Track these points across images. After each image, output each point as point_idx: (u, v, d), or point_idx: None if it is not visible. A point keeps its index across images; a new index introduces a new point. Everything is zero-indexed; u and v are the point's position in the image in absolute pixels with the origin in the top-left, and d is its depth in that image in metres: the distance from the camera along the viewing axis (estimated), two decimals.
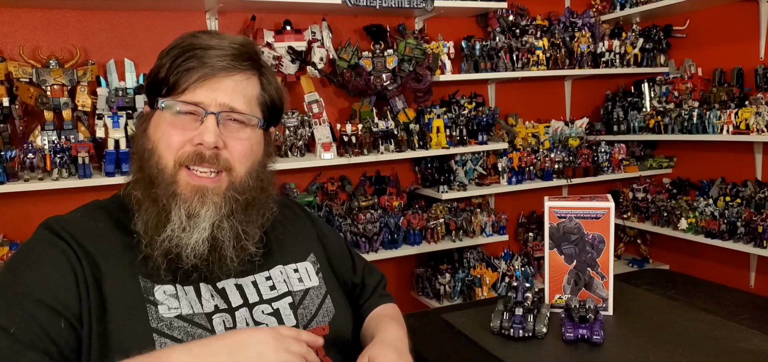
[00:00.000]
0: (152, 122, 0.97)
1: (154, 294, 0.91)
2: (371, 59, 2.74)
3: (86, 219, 0.97)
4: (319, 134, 2.64)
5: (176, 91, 0.94)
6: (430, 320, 1.56)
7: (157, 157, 0.94)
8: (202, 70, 0.93)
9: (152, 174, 0.94)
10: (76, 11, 2.40)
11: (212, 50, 0.94)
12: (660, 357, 1.25)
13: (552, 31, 3.26)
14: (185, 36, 0.97)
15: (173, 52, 0.95)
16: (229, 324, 0.94)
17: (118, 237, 0.95)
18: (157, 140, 0.95)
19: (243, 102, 0.97)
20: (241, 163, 0.97)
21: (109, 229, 0.96)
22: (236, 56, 0.96)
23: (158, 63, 0.97)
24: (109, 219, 0.98)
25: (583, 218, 1.46)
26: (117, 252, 0.93)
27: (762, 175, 2.93)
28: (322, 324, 1.04)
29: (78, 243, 0.91)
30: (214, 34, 0.98)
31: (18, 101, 2.20)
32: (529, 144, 3.23)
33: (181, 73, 0.93)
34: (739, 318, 1.45)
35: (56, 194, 2.24)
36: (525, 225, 3.34)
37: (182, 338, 0.88)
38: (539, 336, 1.35)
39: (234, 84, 0.96)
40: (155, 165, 0.94)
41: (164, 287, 0.92)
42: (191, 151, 0.93)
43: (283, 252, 1.09)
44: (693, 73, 3.11)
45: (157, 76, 0.96)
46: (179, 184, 0.93)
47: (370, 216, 2.73)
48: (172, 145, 0.93)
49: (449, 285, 2.84)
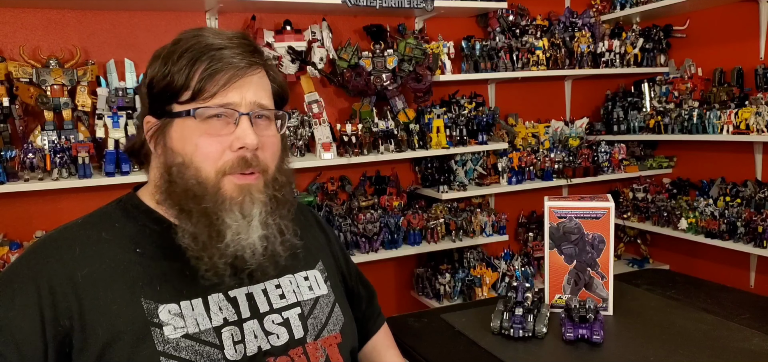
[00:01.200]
0: (174, 134, 0.92)
1: (158, 315, 0.89)
2: (371, 59, 2.74)
3: (85, 239, 0.92)
4: (319, 134, 2.64)
5: (203, 95, 0.89)
6: (430, 320, 1.56)
7: (195, 170, 0.90)
8: (229, 71, 0.90)
9: (190, 187, 0.90)
10: (76, 11, 2.40)
11: (228, 49, 0.91)
12: (660, 357, 1.25)
13: (552, 31, 3.26)
14: (188, 37, 0.93)
15: (188, 56, 0.90)
16: (237, 337, 0.92)
17: (119, 256, 0.91)
18: (189, 153, 0.90)
19: (267, 97, 0.96)
20: (272, 160, 0.97)
21: (110, 246, 0.92)
22: (251, 52, 0.94)
23: (165, 69, 0.91)
24: (113, 233, 0.94)
25: (583, 218, 1.46)
26: (116, 276, 0.89)
27: (762, 175, 2.93)
28: (333, 333, 1.03)
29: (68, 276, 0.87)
30: (214, 32, 0.95)
31: (18, 101, 2.20)
32: (529, 144, 3.23)
33: (206, 76, 0.89)
34: (739, 318, 1.45)
35: (56, 194, 2.23)
36: (525, 225, 3.34)
37: (190, 358, 0.87)
38: (539, 336, 1.35)
39: (257, 80, 0.94)
40: (194, 178, 0.90)
41: (169, 306, 0.90)
42: (234, 157, 0.91)
43: (294, 260, 1.06)
44: (693, 73, 3.11)
45: (170, 84, 0.90)
46: (226, 190, 0.91)
47: (370, 216, 2.73)
48: (212, 155, 0.90)
49: (449, 285, 2.85)
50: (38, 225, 2.30)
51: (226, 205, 0.90)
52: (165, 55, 0.93)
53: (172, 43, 0.94)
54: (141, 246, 0.93)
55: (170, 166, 0.92)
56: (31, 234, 2.28)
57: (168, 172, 0.93)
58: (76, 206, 2.31)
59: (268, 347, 0.94)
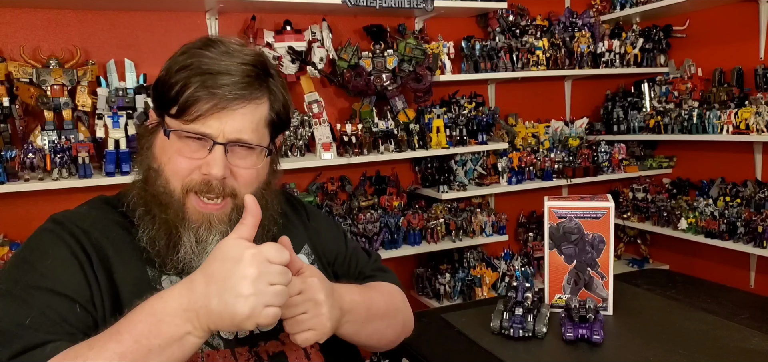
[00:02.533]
0: (158, 141, 0.97)
1: (161, 283, 0.94)
2: (371, 59, 2.74)
3: (94, 211, 1.00)
4: (319, 134, 2.64)
5: (185, 115, 0.91)
6: (430, 320, 1.56)
7: (164, 181, 0.95)
8: (212, 100, 0.91)
9: (158, 194, 0.94)
10: (76, 11, 2.40)
11: (225, 76, 0.91)
12: (660, 357, 1.25)
13: (552, 31, 3.26)
14: (197, 49, 0.94)
15: (185, 74, 0.91)
16: None
17: (120, 234, 0.97)
18: (163, 163, 0.95)
19: (251, 131, 0.95)
20: (246, 188, 0.97)
21: (115, 224, 0.98)
22: (248, 84, 0.93)
23: (168, 77, 0.93)
24: (115, 215, 1.00)
25: (583, 218, 1.47)
26: (124, 244, 0.95)
27: (762, 175, 2.93)
28: None
29: (85, 232, 0.93)
30: (225, 50, 0.95)
31: (18, 101, 2.20)
32: (529, 144, 3.23)
33: (191, 100, 0.91)
34: (739, 318, 1.45)
35: (56, 194, 2.24)
36: (525, 225, 3.34)
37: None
38: (539, 336, 1.35)
39: (244, 114, 0.94)
40: (162, 187, 0.95)
41: (171, 278, 0.95)
42: (199, 179, 0.94)
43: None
44: (693, 73, 3.12)
45: (167, 92, 0.93)
46: (188, 210, 0.95)
47: (370, 216, 2.73)
48: (180, 172, 0.94)
49: (449, 285, 2.85)
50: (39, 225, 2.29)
51: (186, 224, 0.94)
52: (171, 62, 0.95)
53: (180, 52, 0.95)
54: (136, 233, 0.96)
55: (149, 168, 0.97)
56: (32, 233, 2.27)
57: (145, 173, 0.98)
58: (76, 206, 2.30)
59: (257, 331, 0.97)
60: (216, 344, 0.94)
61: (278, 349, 0.99)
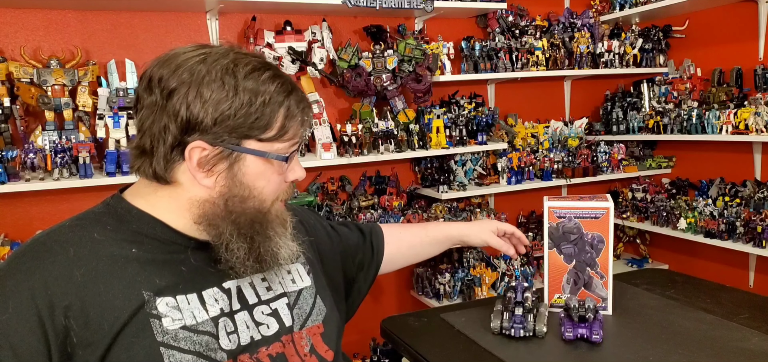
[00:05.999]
0: (247, 169, 0.95)
1: (156, 307, 0.90)
2: (371, 59, 2.74)
3: (78, 240, 0.91)
4: (320, 134, 2.64)
5: (284, 137, 0.97)
6: (430, 320, 1.56)
7: (259, 202, 0.98)
8: (308, 114, 1.02)
9: (252, 216, 0.97)
10: (77, 12, 2.40)
11: (298, 90, 1.01)
12: (659, 356, 1.26)
13: (551, 32, 3.26)
14: (275, 74, 0.97)
15: (276, 101, 0.94)
16: (230, 328, 0.96)
17: (115, 252, 0.91)
18: (260, 187, 0.97)
19: None
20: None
21: (105, 245, 0.92)
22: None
23: (247, 106, 0.91)
24: (105, 234, 0.93)
25: (582, 218, 1.47)
26: (115, 271, 0.90)
27: (761, 175, 2.94)
28: (317, 323, 1.08)
29: (64, 275, 0.87)
30: (276, 68, 1.01)
31: (19, 101, 2.21)
32: (529, 144, 3.24)
33: (295, 124, 0.98)
34: (739, 318, 1.45)
35: (57, 194, 2.24)
36: (524, 225, 3.35)
37: (188, 348, 0.90)
38: (539, 336, 1.36)
39: None
40: (256, 208, 0.97)
41: (166, 299, 0.91)
42: (287, 187, 1.04)
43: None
44: (692, 74, 3.12)
45: (255, 121, 0.92)
46: (272, 215, 1.01)
47: (370, 216, 2.74)
48: (277, 190, 1.01)
49: (449, 284, 2.85)
50: (39, 226, 2.30)
51: (270, 226, 1.00)
52: (271, 90, 0.94)
53: (231, 74, 0.91)
54: (136, 245, 0.93)
55: (230, 196, 0.95)
56: (32, 234, 2.26)
57: (224, 200, 0.95)
58: (76, 206, 2.27)
59: (259, 337, 0.98)
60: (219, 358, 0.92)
61: (279, 351, 1.00)
